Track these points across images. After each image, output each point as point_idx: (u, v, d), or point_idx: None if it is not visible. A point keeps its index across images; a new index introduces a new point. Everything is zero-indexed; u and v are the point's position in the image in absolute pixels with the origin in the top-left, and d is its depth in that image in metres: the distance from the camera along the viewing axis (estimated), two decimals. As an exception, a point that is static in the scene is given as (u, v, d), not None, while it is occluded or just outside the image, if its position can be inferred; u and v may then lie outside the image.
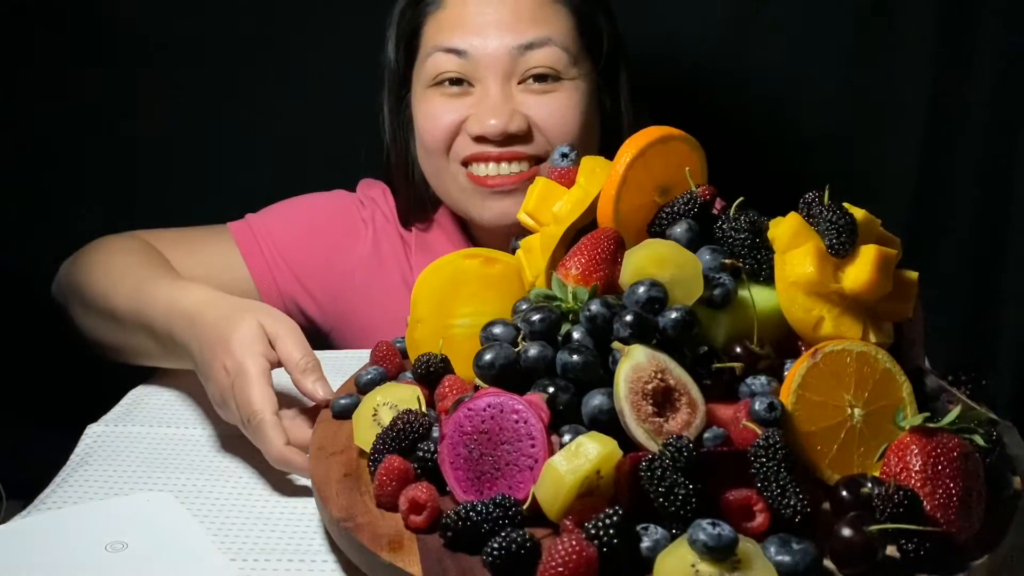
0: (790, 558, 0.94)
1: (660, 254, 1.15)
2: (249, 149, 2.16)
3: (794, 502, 0.98)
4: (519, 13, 1.68)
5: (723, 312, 1.16)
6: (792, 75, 2.13)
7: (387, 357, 1.36)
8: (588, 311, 1.13)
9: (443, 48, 1.68)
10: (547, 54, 1.67)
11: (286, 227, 1.81)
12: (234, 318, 1.34)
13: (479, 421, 1.07)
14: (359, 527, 1.07)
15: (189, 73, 2.13)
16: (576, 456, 1.00)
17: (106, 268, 1.63)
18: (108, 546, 1.16)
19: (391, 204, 1.85)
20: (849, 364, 1.08)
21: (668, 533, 0.98)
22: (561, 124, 1.68)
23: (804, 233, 1.15)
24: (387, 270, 1.83)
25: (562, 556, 0.93)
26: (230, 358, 1.31)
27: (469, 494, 1.06)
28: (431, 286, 1.31)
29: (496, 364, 1.12)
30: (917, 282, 1.21)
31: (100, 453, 1.37)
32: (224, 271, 1.76)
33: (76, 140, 2.14)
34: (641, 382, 1.05)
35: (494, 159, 1.67)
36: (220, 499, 1.28)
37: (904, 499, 0.96)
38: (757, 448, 1.01)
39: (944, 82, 2.07)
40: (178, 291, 1.46)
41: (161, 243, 1.74)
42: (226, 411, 1.34)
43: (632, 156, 1.24)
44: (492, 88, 1.67)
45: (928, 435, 1.01)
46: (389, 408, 1.20)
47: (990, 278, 2.13)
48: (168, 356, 1.49)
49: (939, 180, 2.11)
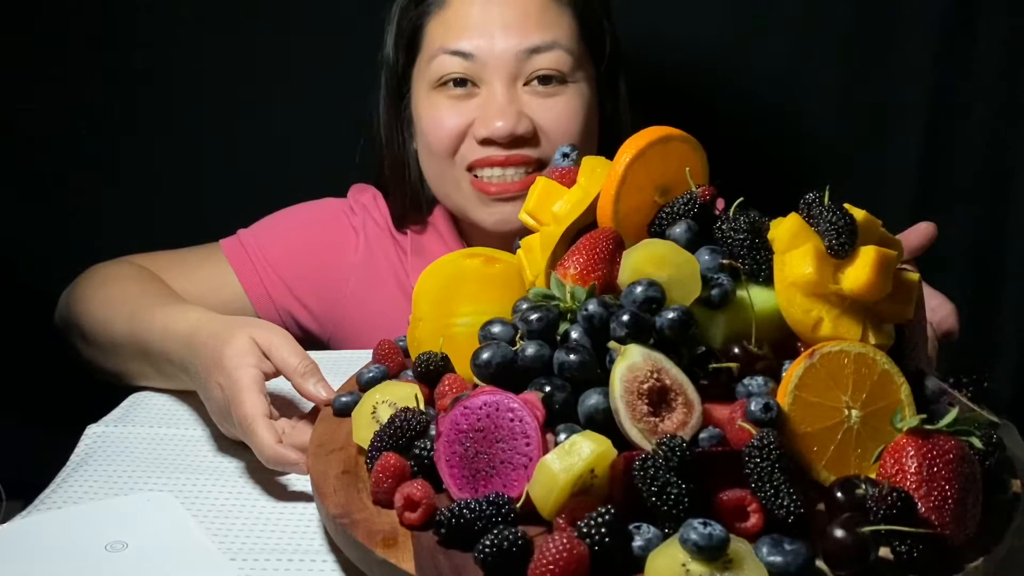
0: (782, 559, 0.93)
1: (658, 254, 1.15)
2: (239, 153, 2.17)
3: (788, 503, 0.98)
4: (525, 15, 1.68)
5: (721, 312, 1.15)
6: (792, 75, 2.13)
7: (389, 355, 1.37)
8: (585, 310, 1.12)
9: (449, 50, 1.68)
10: (553, 58, 1.68)
11: (277, 241, 1.82)
12: (225, 335, 1.35)
13: (475, 419, 1.07)
14: (355, 523, 1.07)
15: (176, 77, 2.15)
16: (570, 455, 1.00)
17: (102, 299, 1.64)
18: (108, 546, 1.16)
19: (383, 209, 1.85)
20: (847, 365, 1.08)
21: (661, 532, 0.98)
22: (565, 127, 1.69)
23: (804, 234, 1.14)
24: (381, 276, 1.83)
25: (553, 554, 0.93)
26: (223, 375, 1.32)
27: (464, 492, 1.06)
28: (432, 285, 1.32)
29: (493, 363, 1.12)
30: (919, 283, 1.20)
31: (100, 453, 1.37)
32: (219, 289, 1.78)
33: (73, 142, 2.15)
34: (637, 382, 1.05)
35: (500, 163, 1.68)
36: (220, 499, 1.28)
37: (898, 500, 0.95)
38: (751, 448, 1.00)
39: (944, 82, 2.07)
40: (172, 315, 1.47)
41: (155, 266, 1.75)
42: (228, 426, 1.35)
43: (632, 156, 1.24)
44: (498, 90, 1.67)
45: (925, 437, 1.01)
46: (388, 406, 1.21)
47: (990, 278, 2.13)
48: (169, 379, 1.50)
49: (939, 180, 2.11)
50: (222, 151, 2.16)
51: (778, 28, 2.11)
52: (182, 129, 2.16)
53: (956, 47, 2.05)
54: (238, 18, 2.12)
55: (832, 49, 2.11)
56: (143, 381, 1.56)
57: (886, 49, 2.08)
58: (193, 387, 1.42)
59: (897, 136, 2.12)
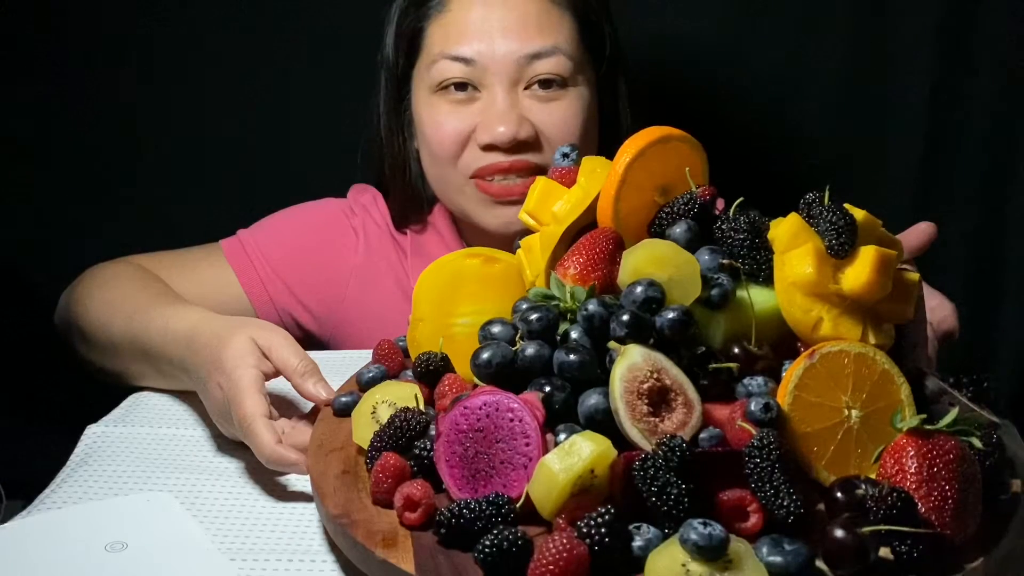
0: (781, 559, 0.93)
1: (658, 254, 1.15)
2: (239, 153, 2.17)
3: (787, 503, 0.98)
4: (526, 20, 1.68)
5: (721, 312, 1.15)
6: (792, 75, 2.13)
7: (389, 355, 1.37)
8: (585, 310, 1.13)
9: (449, 56, 1.68)
10: (554, 63, 1.68)
11: (277, 241, 1.82)
12: (225, 336, 1.35)
13: (475, 419, 1.07)
14: (354, 523, 1.07)
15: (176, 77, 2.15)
16: (569, 455, 1.00)
17: (101, 299, 1.64)
18: (108, 546, 1.16)
19: (383, 210, 1.86)
20: (847, 365, 1.08)
21: (661, 532, 0.97)
22: (566, 131, 1.69)
23: (804, 234, 1.14)
24: (381, 277, 1.83)
25: (553, 554, 0.93)
26: (223, 375, 1.32)
27: (464, 492, 1.06)
28: (432, 285, 1.32)
29: (493, 363, 1.12)
30: (919, 283, 1.20)
31: (100, 453, 1.37)
32: (219, 290, 1.78)
33: (71, 140, 2.16)
34: (637, 382, 1.05)
35: (504, 170, 1.68)
36: (220, 499, 1.28)
37: (898, 501, 0.95)
38: (751, 448, 1.00)
39: (944, 82, 2.07)
40: (172, 316, 1.47)
41: (155, 266, 1.75)
42: (228, 427, 1.35)
43: (632, 156, 1.24)
44: (499, 95, 1.67)
45: (925, 437, 1.00)
46: (388, 406, 1.21)
47: (990, 278, 2.13)
48: (169, 380, 1.50)
49: (939, 180, 2.11)
50: (222, 151, 2.16)
51: (778, 28, 2.11)
52: (182, 129, 2.16)
53: (956, 47, 2.05)
54: (238, 18, 2.12)
55: (832, 48, 2.10)
56: (143, 381, 1.55)
57: (886, 49, 2.08)
58: (193, 387, 1.42)
59: (897, 136, 2.12)
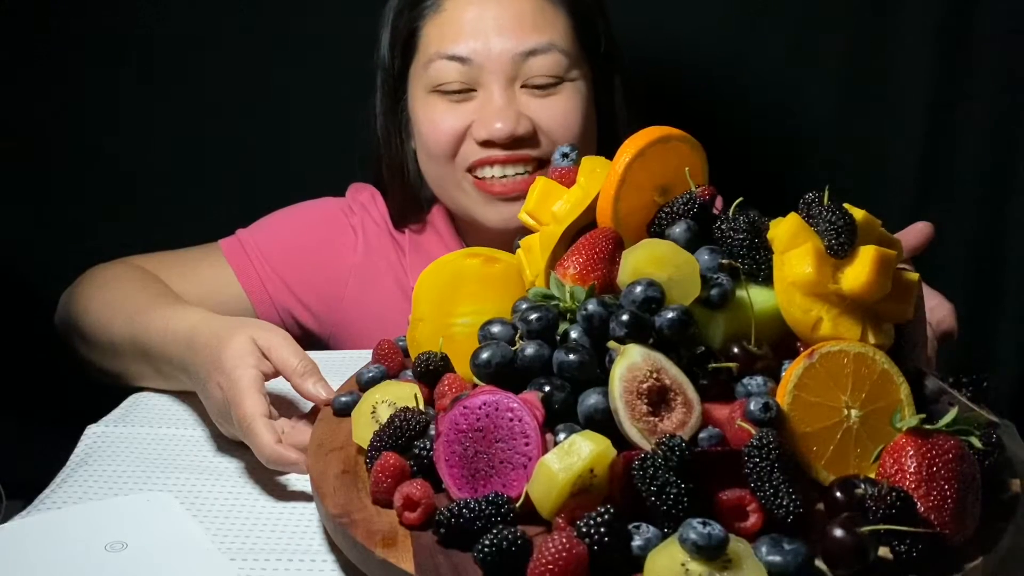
0: (781, 558, 0.93)
1: (658, 254, 1.15)
2: (239, 153, 2.17)
3: (787, 502, 0.98)
4: (520, 17, 1.68)
5: (721, 312, 1.15)
6: (792, 75, 2.13)
7: (388, 355, 1.37)
8: (585, 310, 1.13)
9: (445, 55, 1.69)
10: (549, 60, 1.68)
11: (276, 241, 1.82)
12: (224, 336, 1.35)
13: (474, 419, 1.07)
14: (354, 523, 1.07)
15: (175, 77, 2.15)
16: (569, 455, 1.00)
17: (101, 300, 1.64)
18: (108, 546, 1.16)
19: (382, 208, 1.86)
20: (846, 365, 1.08)
21: (660, 532, 0.97)
22: (564, 126, 1.69)
23: (803, 233, 1.14)
24: (380, 276, 1.83)
25: (552, 554, 0.93)
26: (222, 375, 1.32)
27: (464, 491, 1.07)
28: (432, 285, 1.32)
29: (492, 363, 1.12)
30: (919, 283, 1.20)
31: (100, 453, 1.37)
32: (218, 290, 1.78)
33: (71, 140, 2.16)
34: (636, 381, 1.05)
35: (501, 162, 1.68)
36: (220, 499, 1.28)
37: (897, 500, 0.95)
38: (751, 448, 1.00)
39: (944, 82, 2.07)
40: (171, 316, 1.47)
41: (154, 267, 1.75)
42: (228, 427, 1.35)
43: (632, 156, 1.24)
44: (495, 92, 1.67)
45: (924, 437, 1.00)
46: (387, 406, 1.21)
47: (990, 278, 2.13)
48: (169, 380, 1.50)
49: (939, 180, 2.11)
50: (222, 151, 2.16)
51: (777, 28, 2.11)
52: (182, 129, 2.16)
53: (956, 47, 2.05)
54: (238, 18, 2.12)
55: (832, 49, 2.10)
56: (143, 382, 1.55)
57: (886, 49, 2.08)
58: (193, 388, 1.42)
59: (897, 136, 2.12)
